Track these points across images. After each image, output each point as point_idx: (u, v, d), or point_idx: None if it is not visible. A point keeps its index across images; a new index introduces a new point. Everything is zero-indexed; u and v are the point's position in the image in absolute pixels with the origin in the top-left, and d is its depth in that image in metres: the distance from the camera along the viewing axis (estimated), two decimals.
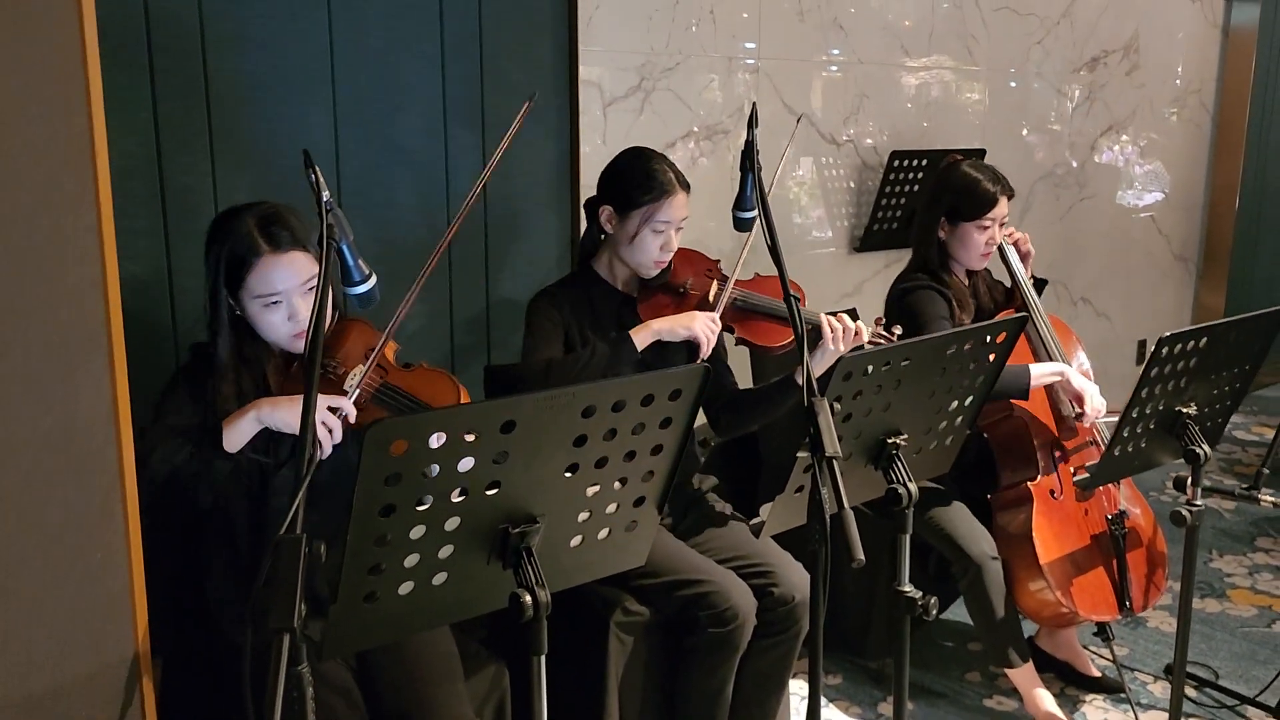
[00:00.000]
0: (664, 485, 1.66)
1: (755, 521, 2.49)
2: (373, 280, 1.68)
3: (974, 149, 4.02)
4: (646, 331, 2.30)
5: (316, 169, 1.54)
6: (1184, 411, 2.31)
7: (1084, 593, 2.68)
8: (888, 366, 1.84)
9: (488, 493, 1.44)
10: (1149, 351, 2.16)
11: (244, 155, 2.47)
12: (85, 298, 1.43)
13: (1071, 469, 2.79)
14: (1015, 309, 2.96)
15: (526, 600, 1.45)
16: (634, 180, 2.36)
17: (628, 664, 2.31)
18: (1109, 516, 2.77)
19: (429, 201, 2.81)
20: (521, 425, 1.42)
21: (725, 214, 2.05)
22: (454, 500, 1.42)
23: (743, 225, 2.07)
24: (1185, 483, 2.35)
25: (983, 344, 1.98)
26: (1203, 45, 5.39)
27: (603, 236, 2.44)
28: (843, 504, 1.60)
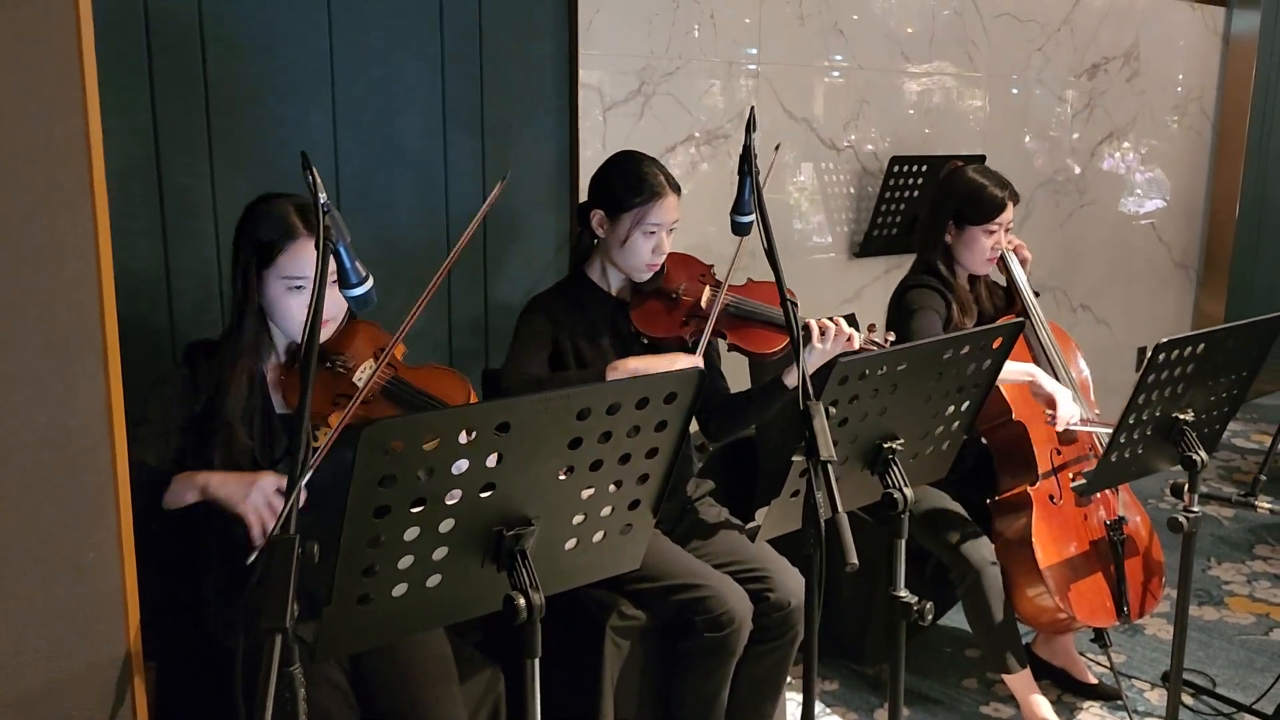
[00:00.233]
0: (659, 488, 1.66)
1: (751, 526, 2.49)
2: (370, 282, 1.67)
3: (974, 155, 4.01)
4: (623, 371, 2.26)
5: (314, 170, 1.54)
6: (1181, 418, 2.31)
7: (1082, 598, 2.68)
8: (884, 371, 1.84)
9: (482, 495, 1.44)
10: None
11: (243, 156, 2.47)
12: (80, 297, 1.43)
13: (1070, 475, 2.79)
14: (1016, 314, 2.96)
15: (520, 603, 1.45)
16: (624, 183, 2.36)
17: (623, 668, 2.31)
18: (1108, 522, 2.77)
19: (428, 204, 2.81)
20: (516, 427, 1.42)
21: (726, 218, 2.05)
22: (448, 502, 1.42)
23: (740, 230, 2.07)
24: (1183, 489, 2.35)
25: (979, 349, 1.97)
26: (1203, 53, 5.39)
27: (595, 241, 2.44)
28: (837, 508, 1.60)
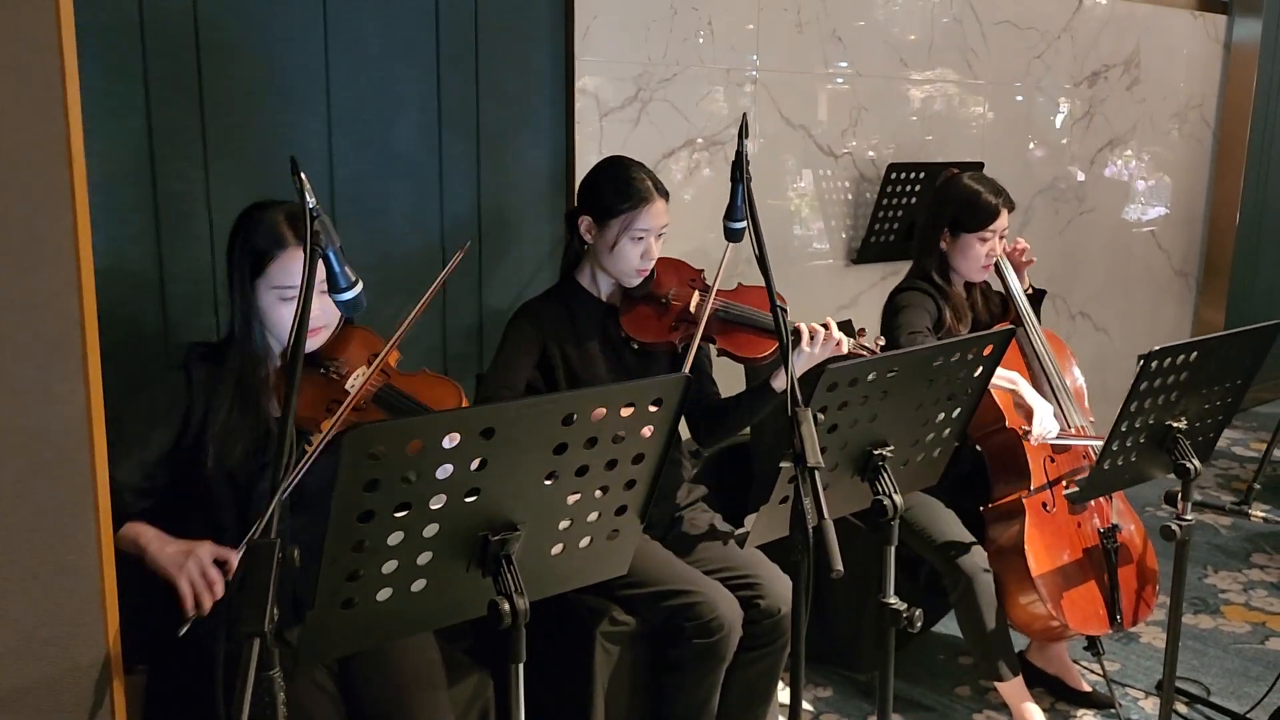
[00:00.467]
0: (646, 494, 1.66)
1: (740, 532, 2.49)
2: (359, 287, 1.67)
3: (973, 162, 4.01)
4: None
5: (302, 175, 1.54)
6: (1175, 426, 2.31)
7: (1075, 606, 2.67)
8: (873, 377, 1.84)
9: (467, 500, 1.44)
10: None
11: (238, 162, 2.47)
12: (60, 300, 1.43)
13: (1064, 482, 2.78)
14: (1010, 322, 2.96)
15: (505, 608, 1.45)
16: (611, 189, 2.37)
17: (613, 674, 2.31)
18: (1101, 530, 2.76)
19: (423, 210, 2.81)
20: (501, 432, 1.42)
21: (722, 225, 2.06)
22: (433, 507, 1.42)
23: (733, 235, 2.07)
24: (1176, 498, 2.34)
25: (970, 356, 1.97)
26: (1204, 60, 5.39)
27: (584, 247, 2.44)
28: (823, 515, 1.60)
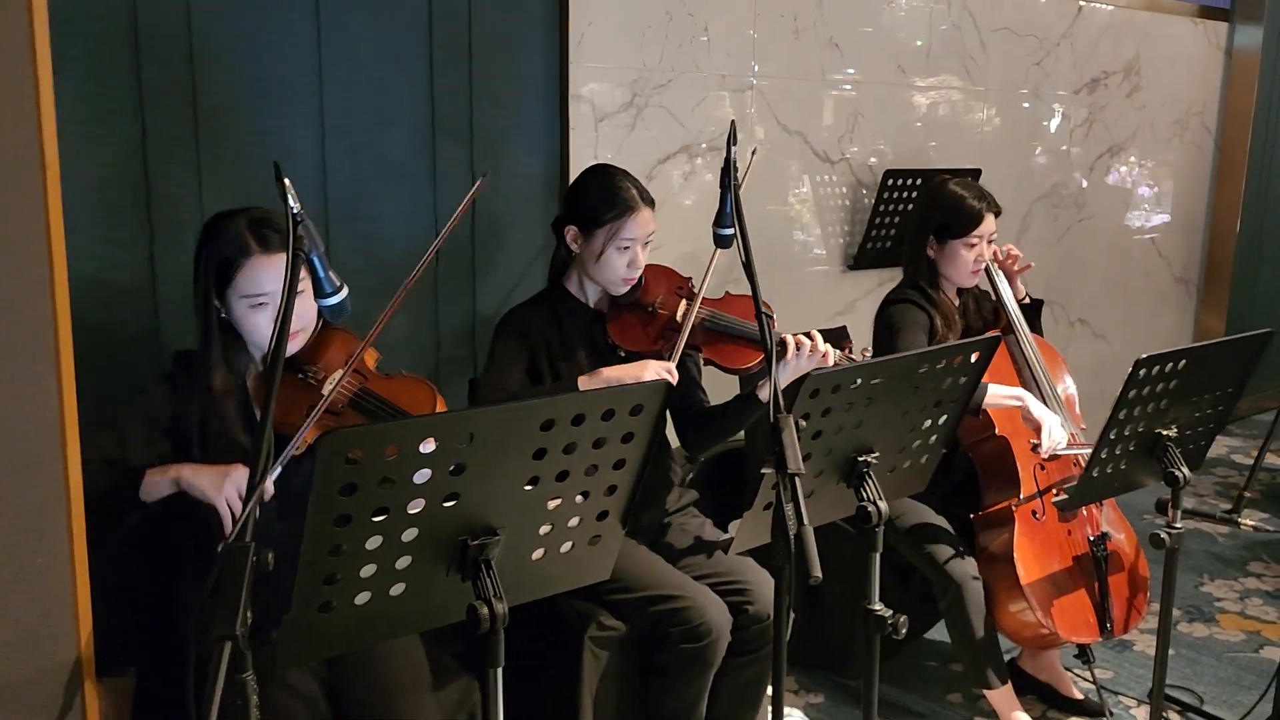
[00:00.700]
0: (627, 499, 1.66)
1: (724, 538, 2.50)
2: (344, 292, 1.68)
3: (970, 169, 4.01)
4: (597, 380, 2.25)
5: (285, 180, 1.55)
6: (1164, 434, 2.31)
7: (1065, 614, 2.67)
8: (857, 384, 1.84)
9: (445, 504, 1.45)
10: None
11: (230, 167, 2.48)
12: (32, 303, 1.43)
13: (1054, 490, 2.78)
14: (1001, 329, 2.96)
15: (484, 612, 1.46)
16: (597, 198, 2.37)
17: (602, 679, 2.31)
18: (1091, 538, 2.76)
19: (416, 216, 2.81)
20: (479, 437, 1.42)
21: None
22: (411, 511, 1.43)
23: (722, 242, 2.08)
24: (1166, 505, 2.34)
25: (955, 363, 1.98)
26: (1205, 67, 5.38)
27: (571, 255, 2.44)
28: (803, 521, 1.60)
